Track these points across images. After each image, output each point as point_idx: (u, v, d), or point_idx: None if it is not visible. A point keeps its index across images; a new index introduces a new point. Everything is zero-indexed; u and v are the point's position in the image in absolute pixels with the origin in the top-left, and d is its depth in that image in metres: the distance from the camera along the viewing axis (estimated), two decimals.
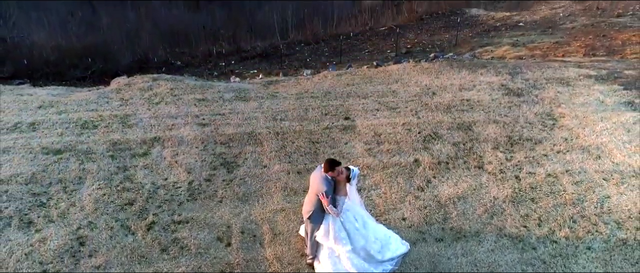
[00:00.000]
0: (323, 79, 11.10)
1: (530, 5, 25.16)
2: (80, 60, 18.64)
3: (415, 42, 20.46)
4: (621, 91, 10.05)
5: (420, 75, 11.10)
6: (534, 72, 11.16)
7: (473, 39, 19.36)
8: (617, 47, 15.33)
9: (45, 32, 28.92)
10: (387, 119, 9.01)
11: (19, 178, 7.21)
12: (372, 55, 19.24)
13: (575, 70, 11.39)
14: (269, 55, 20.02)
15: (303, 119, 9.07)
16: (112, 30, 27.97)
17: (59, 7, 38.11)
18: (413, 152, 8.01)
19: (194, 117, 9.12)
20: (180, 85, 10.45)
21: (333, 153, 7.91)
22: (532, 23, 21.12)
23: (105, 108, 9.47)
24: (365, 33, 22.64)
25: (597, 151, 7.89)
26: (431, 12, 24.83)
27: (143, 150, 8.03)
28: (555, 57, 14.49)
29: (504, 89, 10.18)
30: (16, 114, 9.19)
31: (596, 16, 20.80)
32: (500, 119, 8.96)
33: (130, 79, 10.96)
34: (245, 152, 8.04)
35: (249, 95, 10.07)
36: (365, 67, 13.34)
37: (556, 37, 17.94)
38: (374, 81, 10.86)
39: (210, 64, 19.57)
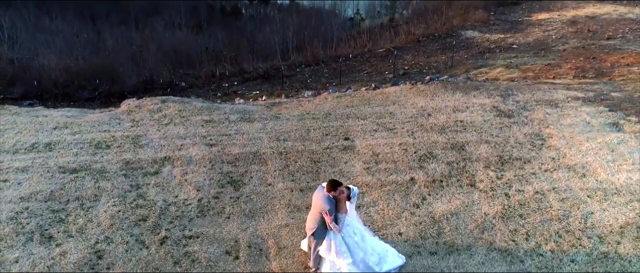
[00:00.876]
0: (324, 101, 11.65)
1: (524, 27, 25.99)
2: (88, 82, 19.23)
3: (412, 63, 21.13)
4: (607, 113, 10.60)
5: (417, 97, 11.66)
6: (525, 94, 11.73)
7: (468, 61, 20.02)
8: (606, 69, 15.96)
9: (51, 52, 29.78)
10: (385, 140, 9.52)
11: (38, 195, 7.66)
12: (370, 76, 19.88)
13: (564, 92, 11.96)
14: (270, 76, 20.64)
15: (305, 139, 9.57)
16: (118, 52, 28.77)
17: (64, 28, 39.09)
18: (409, 170, 8.48)
19: (201, 137, 9.62)
20: (188, 107, 10.98)
21: (334, 172, 8.39)
22: (526, 45, 21.84)
23: (117, 129, 9.98)
24: (364, 54, 23.34)
25: (583, 170, 8.37)
26: (428, 34, 25.62)
27: (154, 169, 8.50)
28: (547, 79, 15.10)
29: (495, 111, 10.72)
30: (33, 135, 9.69)
31: (587, 39, 21.55)
32: (491, 139, 9.47)
33: (140, 101, 11.50)
34: (251, 170, 8.52)
35: (253, 117, 10.59)
36: (363, 89, 13.91)
37: (548, 59, 18.61)
38: (373, 103, 11.41)
39: (213, 84, 20.16)
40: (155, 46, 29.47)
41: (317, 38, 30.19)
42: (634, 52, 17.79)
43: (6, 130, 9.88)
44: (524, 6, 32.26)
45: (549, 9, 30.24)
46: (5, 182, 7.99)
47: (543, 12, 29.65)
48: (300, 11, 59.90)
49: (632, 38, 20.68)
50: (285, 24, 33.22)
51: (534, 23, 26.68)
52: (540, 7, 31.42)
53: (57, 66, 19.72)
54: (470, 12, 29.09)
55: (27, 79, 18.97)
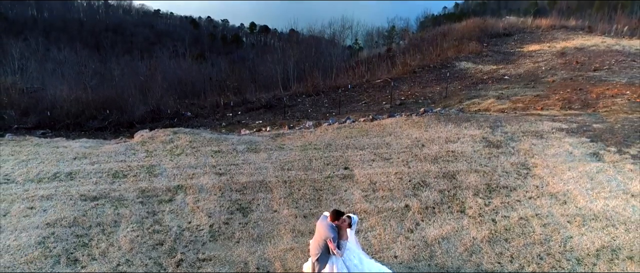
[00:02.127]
0: (324, 132, 12.44)
1: (516, 59, 27.12)
2: (98, 112, 20.08)
3: (408, 94, 22.07)
4: (588, 143, 11.37)
5: (411, 128, 12.47)
6: (513, 125, 12.54)
7: (462, 92, 20.96)
8: (591, 101, 16.83)
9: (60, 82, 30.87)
10: (382, 169, 10.25)
11: (63, 221, 8.32)
12: (368, 107, 20.76)
13: (550, 123, 12.78)
14: (273, 106, 21.52)
15: (307, 169, 10.30)
16: (125, 82, 29.83)
17: (71, 58, 40.32)
18: (404, 198, 9.18)
19: (211, 167, 10.36)
20: (198, 138, 11.76)
21: (334, 200, 9.09)
22: (517, 76, 22.85)
23: (133, 159, 10.72)
24: (362, 85, 24.32)
25: (564, 197, 9.07)
26: (424, 65, 26.71)
27: (168, 197, 9.20)
28: (535, 110, 15.95)
29: (485, 142, 11.50)
30: (54, 165, 10.42)
31: (575, 70, 22.57)
32: (480, 168, 10.21)
33: (153, 133, 12.28)
34: (258, 198, 9.21)
35: (259, 147, 11.36)
36: (362, 120, 14.73)
37: (537, 90, 19.53)
38: (370, 134, 12.20)
39: (218, 114, 21.00)
40: (161, 76, 30.57)
41: (317, 68, 31.36)
42: (618, 84, 18.74)
43: (30, 160, 10.62)
44: (516, 38, 33.63)
45: (540, 41, 31.56)
46: (32, 209, 8.67)
47: (534, 43, 30.93)
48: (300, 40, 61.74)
49: (618, 69, 21.71)
50: (286, 54, 34.44)
51: (525, 54, 27.84)
52: (531, 38, 32.77)
53: (68, 97, 20.61)
54: (464, 44, 30.33)
55: (39, 109, 19.82)
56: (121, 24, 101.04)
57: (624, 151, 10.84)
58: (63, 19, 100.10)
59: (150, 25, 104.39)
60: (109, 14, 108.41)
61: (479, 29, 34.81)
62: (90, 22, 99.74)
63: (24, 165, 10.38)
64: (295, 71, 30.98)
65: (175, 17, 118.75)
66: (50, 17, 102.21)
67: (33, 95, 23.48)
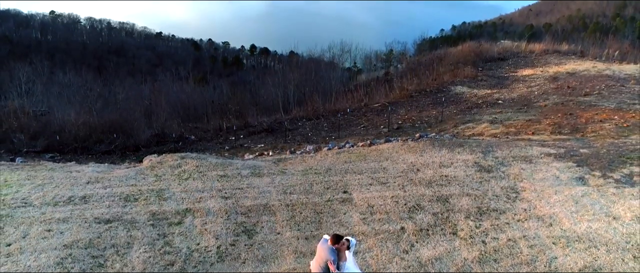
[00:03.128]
0: (324, 157, 13.06)
1: (510, 83, 27.97)
2: (105, 135, 20.74)
3: (406, 118, 22.78)
4: (574, 168, 11.99)
5: (407, 153, 13.10)
6: (503, 150, 13.19)
7: (457, 116, 21.67)
8: (580, 125, 17.53)
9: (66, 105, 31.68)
10: (379, 193, 10.84)
11: (79, 243, 8.86)
12: (367, 130, 21.43)
13: (539, 148, 13.43)
14: (274, 130, 22.18)
15: (309, 193, 10.88)
16: (129, 105, 30.60)
17: (76, 81, 41.26)
18: (400, 220, 9.74)
19: (217, 191, 10.94)
20: (204, 163, 12.37)
21: (334, 222, 9.64)
22: (510, 101, 23.62)
23: (143, 183, 11.31)
24: (361, 109, 25.06)
25: (550, 220, 9.64)
26: (420, 89, 27.52)
27: (177, 220, 9.75)
28: (526, 135, 16.63)
29: (476, 166, 12.12)
30: (69, 189, 10.99)
31: (566, 95, 23.36)
32: (472, 192, 10.80)
33: (161, 157, 12.89)
34: (262, 221, 9.76)
35: (262, 172, 11.96)
36: (360, 144, 15.37)
37: (530, 114, 20.25)
38: (368, 158, 12.82)
39: (221, 138, 21.64)
40: (164, 99, 31.38)
41: (317, 92, 32.20)
42: (606, 109, 19.48)
43: (45, 185, 11.20)
44: (511, 62, 34.60)
45: (534, 65, 32.50)
46: (50, 231, 9.21)
47: (528, 68, 31.86)
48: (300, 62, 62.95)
49: (607, 94, 22.50)
50: (286, 77, 35.34)
51: (519, 79, 28.70)
52: (525, 63, 33.73)
53: (76, 121, 21.29)
54: (460, 68, 31.24)
55: (48, 133, 20.47)
56: (124, 46, 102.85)
57: (608, 175, 11.45)
58: (66, 41, 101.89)
59: (152, 47, 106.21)
60: (111, 37, 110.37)
61: (474, 54, 35.81)
62: (93, 44, 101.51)
63: (40, 189, 10.96)
64: (296, 95, 31.80)
65: (176, 40, 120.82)
66: (53, 39, 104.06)
67: (41, 119, 24.17)
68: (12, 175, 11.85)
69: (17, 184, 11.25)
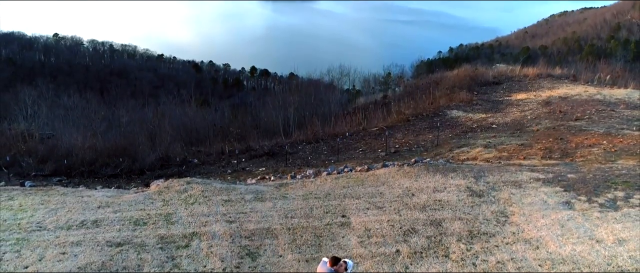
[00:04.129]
0: (324, 182, 13.68)
1: (504, 107, 28.78)
2: (111, 159, 21.34)
3: (403, 141, 23.46)
4: (562, 192, 12.61)
5: (403, 178, 13.72)
6: (494, 175, 13.82)
7: (452, 140, 22.36)
8: (570, 150, 18.21)
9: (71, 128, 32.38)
10: (376, 217, 11.42)
11: (92, 266, 9.40)
12: (365, 154, 22.08)
13: (528, 173, 14.06)
14: (275, 153, 22.81)
15: (309, 217, 11.46)
16: (132, 128, 31.31)
17: (79, 104, 42.08)
18: (395, 243, 10.30)
19: (222, 215, 11.52)
20: (209, 188, 12.97)
21: (333, 245, 10.20)
22: (504, 125, 24.35)
23: (151, 208, 11.89)
24: (359, 133, 25.75)
25: (537, 242, 10.21)
26: (417, 113, 28.29)
27: (185, 243, 10.31)
28: (518, 159, 17.29)
29: (468, 191, 12.73)
30: (81, 213, 11.57)
31: (558, 119, 24.11)
32: (464, 216, 11.39)
33: (168, 182, 13.50)
34: (265, 244, 10.32)
35: (264, 197, 12.56)
36: (358, 169, 15.98)
37: (522, 139, 20.95)
38: (366, 183, 13.44)
39: (223, 161, 22.25)
40: (167, 122, 32.10)
41: (316, 115, 32.98)
42: (596, 134, 20.19)
43: (58, 209, 11.78)
44: (505, 86, 35.50)
45: (527, 89, 33.38)
46: (64, 254, 9.75)
47: (521, 92, 32.72)
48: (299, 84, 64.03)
49: (597, 119, 23.26)
50: (286, 100, 36.17)
51: (513, 103, 29.52)
52: (519, 87, 34.63)
53: (83, 145, 21.93)
54: (456, 92, 32.07)
55: (56, 157, 21.07)
56: (126, 68, 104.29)
57: (593, 200, 12.06)
58: (69, 63, 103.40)
59: (154, 69, 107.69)
60: (114, 59, 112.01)
61: (470, 78, 36.73)
62: (95, 66, 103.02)
63: (53, 214, 11.53)
64: (296, 118, 32.56)
65: (178, 62, 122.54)
66: (56, 61, 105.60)
67: (48, 142, 24.82)
68: (26, 199, 12.44)
69: (31, 209, 11.83)
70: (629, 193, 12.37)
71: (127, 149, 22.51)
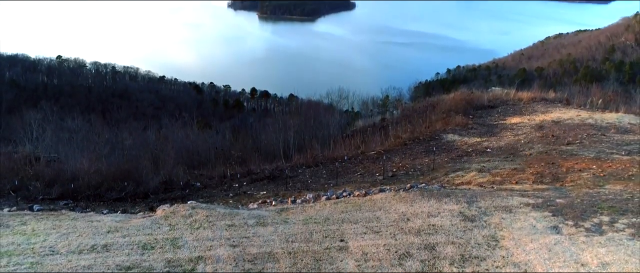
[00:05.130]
0: (323, 207, 14.28)
1: (498, 131, 29.53)
2: (116, 183, 21.92)
3: (400, 165, 24.11)
4: (550, 217, 13.20)
5: (399, 203, 14.33)
6: (486, 200, 14.43)
7: (448, 164, 23.01)
8: (561, 175, 18.85)
9: (72, 149, 33.00)
10: (372, 241, 11.99)
11: None
12: (363, 178, 22.70)
13: (519, 199, 14.68)
14: (275, 177, 23.42)
15: (309, 241, 12.03)
16: (135, 151, 31.95)
17: (84, 126, 42.80)
18: (391, 267, 10.85)
19: (226, 239, 12.08)
20: (214, 213, 13.56)
21: (332, 269, 10.75)
22: (498, 149, 25.05)
23: (158, 232, 12.46)
24: (357, 157, 26.42)
25: (525, 266, 10.77)
26: (414, 137, 29.01)
27: (191, 267, 10.85)
28: (510, 184, 17.92)
29: (461, 216, 13.33)
30: (91, 237, 12.13)
31: (550, 144, 24.82)
32: (456, 240, 11.97)
33: (174, 207, 14.09)
34: (267, 267, 10.87)
35: (266, 221, 13.14)
36: (356, 194, 16.57)
37: (515, 163, 21.60)
38: (363, 208, 14.04)
39: (225, 185, 22.83)
40: (170, 145, 32.79)
41: (315, 138, 33.72)
42: (586, 158, 20.87)
43: (69, 234, 12.34)
44: (500, 110, 36.35)
45: (521, 113, 34.21)
46: None
47: (516, 116, 33.54)
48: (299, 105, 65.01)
49: (588, 144, 23.97)
50: (286, 123, 36.95)
51: (507, 127, 30.29)
52: (513, 111, 35.47)
53: (89, 169, 22.54)
54: (452, 116, 32.86)
55: (62, 181, 21.65)
56: (127, 89, 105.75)
57: (580, 225, 12.65)
58: (72, 84, 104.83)
59: (155, 90, 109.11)
60: (116, 80, 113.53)
61: (465, 101, 37.59)
62: (98, 88, 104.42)
63: (65, 238, 12.09)
64: (296, 141, 33.27)
65: (179, 83, 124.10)
66: (59, 83, 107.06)
67: (54, 166, 25.43)
68: (38, 224, 13.01)
69: (44, 233, 12.39)
70: (614, 217, 12.97)
71: (132, 173, 23.10)
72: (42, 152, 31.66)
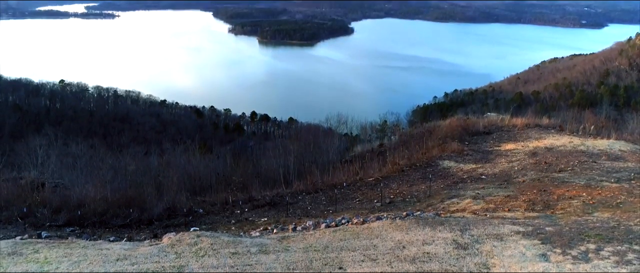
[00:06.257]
0: (323, 235, 14.91)
1: (493, 157, 30.30)
2: (121, 210, 22.51)
3: (397, 192, 24.78)
4: (539, 245, 13.83)
5: (395, 231, 14.97)
6: (479, 228, 15.08)
7: (443, 191, 23.69)
8: (552, 202, 19.53)
9: (77, 175, 33.61)
10: (369, 268, 12.59)
11: None
12: (361, 204, 23.33)
13: (510, 227, 15.33)
14: (276, 204, 24.04)
15: (309, 268, 12.62)
16: (138, 177, 32.58)
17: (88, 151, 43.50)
18: None
19: (230, 267, 12.67)
20: (218, 241, 14.17)
21: None
22: (492, 176, 25.77)
23: (165, 260, 13.05)
24: (356, 183, 27.09)
25: None
26: (411, 164, 29.75)
27: None
28: (503, 211, 18.58)
29: (454, 244, 13.96)
30: (101, 265, 12.72)
31: (543, 171, 25.55)
32: (449, 268, 12.57)
33: (180, 236, 14.71)
34: None
35: (268, 249, 13.76)
36: (355, 221, 17.21)
37: (508, 190, 22.30)
38: (361, 236, 14.67)
39: (227, 211, 23.42)
40: (172, 171, 33.45)
41: (315, 164, 34.43)
42: (577, 186, 21.58)
43: (81, 262, 12.93)
44: (495, 136, 37.20)
45: (516, 140, 35.04)
46: None
47: (510, 142, 34.36)
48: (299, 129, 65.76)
49: (579, 171, 24.72)
50: (286, 149, 37.72)
51: (502, 153, 31.07)
52: (508, 137, 36.32)
53: (94, 196, 23.16)
54: (448, 143, 33.66)
55: (69, 208, 22.24)
56: (129, 113, 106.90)
57: (567, 252, 13.27)
58: (74, 109, 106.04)
59: (157, 114, 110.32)
60: (118, 104, 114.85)
61: (461, 128, 38.47)
62: (100, 112, 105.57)
63: (76, 266, 12.67)
64: (296, 167, 33.96)
65: (180, 107, 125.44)
66: (62, 107, 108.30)
67: (60, 192, 26.04)
68: (50, 252, 13.60)
69: (56, 261, 12.98)
70: (600, 245, 13.61)
71: (136, 199, 23.72)
72: (47, 178, 32.30)
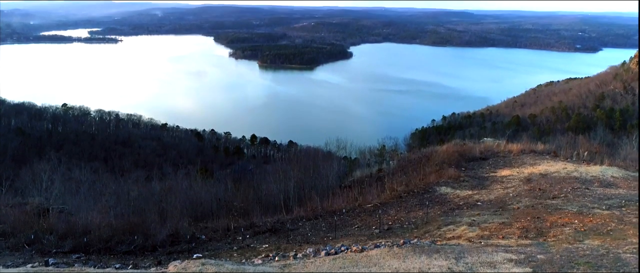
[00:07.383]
0: (322, 263, 15.51)
1: (489, 184, 31.00)
2: (125, 236, 23.06)
3: (395, 218, 25.39)
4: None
5: (392, 259, 15.57)
6: (473, 256, 15.69)
7: (440, 218, 24.30)
8: (545, 229, 20.15)
9: (80, 200, 34.21)
10: None
11: None
12: (361, 230, 23.91)
13: (503, 254, 15.94)
14: (277, 230, 24.63)
15: None
16: (141, 204, 33.17)
17: (88, 176, 44.15)
18: None
19: None
20: (222, 269, 14.75)
21: None
22: (488, 202, 26.43)
23: None
24: (355, 209, 27.72)
25: None
26: (408, 190, 30.43)
27: None
28: (497, 238, 19.18)
29: (449, 272, 14.56)
30: None
31: (537, 197, 26.23)
32: None
33: (185, 264, 15.28)
34: None
35: None
36: (353, 248, 17.80)
37: (503, 217, 22.93)
38: (359, 264, 15.26)
39: (229, 238, 23.99)
40: (175, 197, 34.08)
41: (314, 190, 35.11)
42: (569, 213, 22.24)
43: None
44: (491, 162, 38.01)
45: (511, 166, 35.83)
46: None
47: (506, 168, 35.13)
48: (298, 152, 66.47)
49: (572, 197, 25.39)
50: (287, 175, 38.42)
51: (498, 180, 31.80)
52: (503, 163, 37.12)
53: (100, 223, 23.74)
54: (445, 169, 34.43)
55: (75, 234, 22.80)
56: (130, 137, 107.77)
57: None
58: (76, 132, 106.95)
59: (158, 137, 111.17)
60: (119, 128, 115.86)
61: (458, 153, 39.30)
62: (101, 135, 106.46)
63: None
64: (296, 192, 34.63)
65: (181, 130, 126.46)
66: (64, 130, 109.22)
67: (65, 218, 26.60)
68: None
69: None
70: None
71: (139, 226, 24.29)
72: (51, 204, 32.88)
